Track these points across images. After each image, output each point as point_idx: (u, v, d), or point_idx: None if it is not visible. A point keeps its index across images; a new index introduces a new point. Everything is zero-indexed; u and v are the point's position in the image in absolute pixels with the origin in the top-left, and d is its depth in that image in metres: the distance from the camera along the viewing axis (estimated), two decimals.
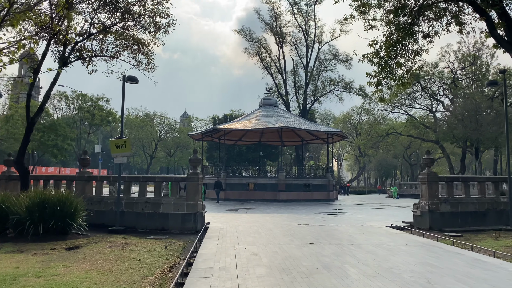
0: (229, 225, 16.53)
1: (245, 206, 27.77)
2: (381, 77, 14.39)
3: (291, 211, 24.00)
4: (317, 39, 59.92)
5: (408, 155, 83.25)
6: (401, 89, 14.66)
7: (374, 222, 17.94)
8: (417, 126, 59.69)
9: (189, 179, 15.72)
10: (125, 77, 15.90)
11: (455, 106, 47.21)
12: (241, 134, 42.83)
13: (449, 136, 49.44)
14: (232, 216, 20.85)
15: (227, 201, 33.02)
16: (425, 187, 16.10)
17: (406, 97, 57.48)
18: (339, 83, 61.11)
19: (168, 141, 77.83)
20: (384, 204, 33.31)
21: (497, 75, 49.52)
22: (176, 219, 15.57)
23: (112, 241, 12.34)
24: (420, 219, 16.18)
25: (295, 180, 34.94)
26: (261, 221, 18.13)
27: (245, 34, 61.00)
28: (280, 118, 35.45)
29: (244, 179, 35.17)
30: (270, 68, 61.09)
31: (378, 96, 14.77)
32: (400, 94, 57.49)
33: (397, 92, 14.34)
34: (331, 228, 15.53)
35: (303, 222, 17.78)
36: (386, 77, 14.38)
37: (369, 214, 22.79)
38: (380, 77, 14.35)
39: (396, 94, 14.39)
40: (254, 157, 58.27)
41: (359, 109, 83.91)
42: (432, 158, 16.19)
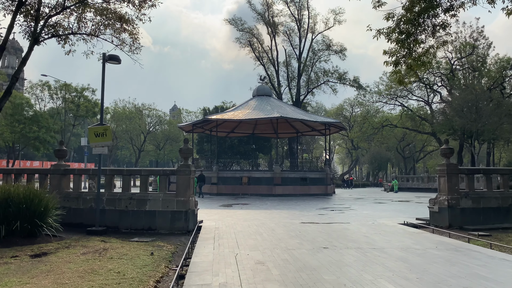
0: (225, 223, 14.70)
1: (240, 201, 25.96)
2: (400, 55, 12.60)
3: (289, 207, 22.24)
4: (311, 29, 58.14)
5: (402, 148, 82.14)
6: (422, 69, 12.87)
7: (384, 219, 16.26)
8: (413, 118, 58.37)
9: (180, 172, 13.82)
10: (106, 55, 13.87)
11: (454, 97, 45.83)
12: (233, 125, 40.90)
13: (446, 128, 48.11)
14: (227, 212, 19.01)
15: (219, 196, 31.19)
16: (444, 180, 14.42)
17: (402, 88, 56.13)
18: (333, 74, 59.47)
19: (157, 134, 75.48)
20: (385, 198, 31.76)
21: (496, 65, 48.30)
22: (165, 218, 13.70)
23: (88, 245, 10.42)
24: (437, 216, 14.52)
25: (292, 173, 33.20)
26: (259, 218, 16.33)
27: (236, 23, 58.97)
28: (276, 108, 33.58)
29: (238, 173, 33.31)
30: (262, 59, 59.19)
31: (397, 77, 12.97)
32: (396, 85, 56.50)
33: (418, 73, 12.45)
34: (341, 227, 13.77)
35: (306, 219, 16.01)
36: (405, 55, 12.60)
37: (375, 209, 21.13)
38: (399, 55, 12.56)
39: (417, 74, 12.48)
40: (246, 150, 56.40)
41: (352, 101, 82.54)
42: (451, 148, 14.53)
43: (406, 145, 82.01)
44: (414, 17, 11.57)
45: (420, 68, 12.90)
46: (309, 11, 57.56)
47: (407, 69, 12.80)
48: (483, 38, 50.69)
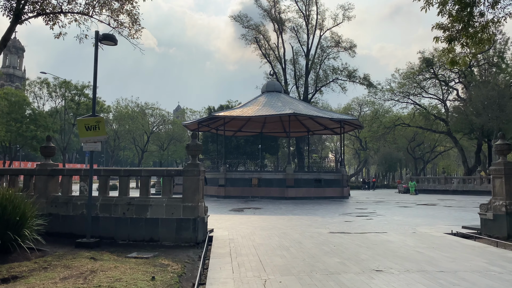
0: (240, 233, 12.48)
1: (251, 205, 23.71)
2: (454, 30, 10.34)
3: (308, 212, 19.98)
4: (319, 25, 56.04)
5: (412, 148, 79.60)
6: (479, 49, 10.62)
7: (424, 227, 13.97)
8: (427, 116, 55.98)
9: (187, 172, 11.60)
10: (99, 34, 11.67)
11: (473, 94, 43.38)
12: (241, 124, 38.66)
13: (464, 126, 45.74)
14: (239, 218, 16.77)
15: (228, 198, 28.96)
16: (500, 182, 12.13)
17: (416, 86, 53.84)
18: (342, 71, 57.30)
19: (160, 134, 73.36)
20: (407, 201, 29.41)
21: None
22: (170, 227, 11.50)
23: (73, 266, 8.20)
24: (492, 225, 12.22)
25: (305, 174, 30.89)
26: (279, 226, 14.08)
27: (242, 20, 57.05)
28: (287, 105, 31.31)
29: (247, 174, 31.05)
30: (268, 56, 57.12)
31: (450, 57, 10.74)
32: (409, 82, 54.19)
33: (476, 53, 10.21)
34: (380, 238, 11.50)
35: (333, 228, 13.75)
36: (460, 31, 10.34)
37: (404, 214, 18.82)
38: (453, 30, 10.31)
39: (474, 55, 10.23)
40: (253, 150, 54.23)
41: (361, 100, 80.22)
42: (509, 144, 12.27)
43: (416, 145, 79.53)
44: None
45: (477, 47, 10.64)
46: (318, 6, 55.46)
47: (462, 47, 10.55)
48: (500, 33, 48.30)
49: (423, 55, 49.98)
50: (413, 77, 52.51)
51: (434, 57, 49.35)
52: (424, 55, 49.84)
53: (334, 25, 55.29)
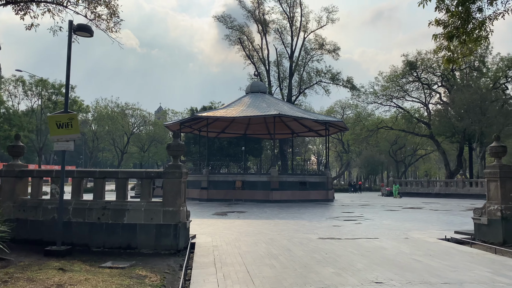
0: (224, 239, 11.71)
1: (235, 209, 22.94)
2: (453, 27, 9.84)
3: (294, 216, 19.34)
4: (303, 27, 55.77)
5: (394, 152, 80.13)
6: (476, 46, 10.14)
7: (416, 232, 13.47)
8: (410, 120, 56.25)
9: (168, 174, 10.79)
10: (73, 24, 10.77)
11: (456, 96, 43.64)
12: (224, 125, 37.88)
13: (447, 129, 46.02)
14: (223, 223, 15.99)
15: (210, 202, 28.12)
16: (495, 185, 11.70)
17: (399, 89, 54.06)
18: (326, 74, 57.18)
19: (141, 135, 71.94)
20: (392, 204, 29.09)
21: (499, 64, 46.43)
22: (149, 233, 10.67)
23: (38, 278, 7.31)
24: (486, 230, 11.78)
25: (290, 177, 30.28)
26: (265, 232, 13.37)
27: (226, 21, 56.32)
28: (272, 106, 30.67)
29: (230, 176, 30.28)
30: (252, 58, 56.56)
31: (448, 55, 10.23)
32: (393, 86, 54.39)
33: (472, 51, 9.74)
34: (372, 244, 10.90)
35: (322, 233, 13.12)
36: (459, 27, 9.84)
37: (393, 218, 18.35)
38: (453, 26, 9.81)
39: (471, 52, 9.76)
40: (236, 152, 53.40)
41: (343, 103, 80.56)
42: (504, 146, 11.87)
43: (398, 149, 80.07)
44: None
45: (475, 44, 10.17)
46: (302, 8, 55.20)
47: (459, 44, 10.06)
48: None
49: (407, 58, 50.19)
50: (396, 80, 52.70)
51: (417, 60, 49.61)
52: (408, 58, 50.03)
53: (318, 27, 55.13)
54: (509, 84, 45.64)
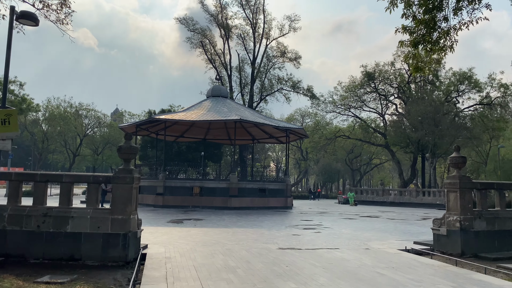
0: (178, 249, 10.94)
1: (191, 216, 22.06)
2: (419, 34, 9.72)
3: (253, 224, 18.77)
4: (266, 34, 55.89)
5: (350, 160, 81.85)
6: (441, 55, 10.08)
7: (375, 242, 13.29)
8: (367, 129, 57.54)
9: (118, 179, 9.93)
10: (15, 11, 9.70)
11: (412, 108, 45.00)
12: (183, 129, 36.82)
13: (402, 140, 47.34)
14: (178, 232, 15.14)
15: (166, 208, 27.02)
16: (455, 196, 11.69)
17: (357, 99, 55.18)
18: (287, 82, 57.61)
19: (95, 137, 69.00)
20: (349, 212, 29.23)
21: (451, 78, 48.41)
22: (95, 243, 9.74)
23: None
24: (446, 241, 11.74)
25: (249, 184, 29.71)
26: (223, 241, 12.69)
27: (188, 23, 55.42)
28: (233, 111, 30.08)
29: (188, 182, 29.28)
30: (214, 62, 55.94)
31: (414, 63, 10.08)
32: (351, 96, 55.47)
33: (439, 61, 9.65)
34: (333, 255, 10.51)
35: (282, 243, 12.62)
36: (424, 35, 9.73)
37: (351, 227, 18.21)
38: (419, 33, 9.68)
39: (438, 61, 9.68)
40: (195, 157, 52.27)
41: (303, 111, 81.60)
42: (464, 157, 11.93)
43: (354, 157, 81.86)
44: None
45: (440, 54, 10.11)
46: (265, 15, 55.26)
47: (425, 53, 9.96)
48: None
49: (365, 69, 51.32)
50: (354, 90, 53.76)
51: (375, 71, 50.85)
52: (367, 69, 51.18)
53: (280, 35, 55.40)
54: (460, 98, 47.76)
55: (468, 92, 46.77)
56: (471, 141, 43.28)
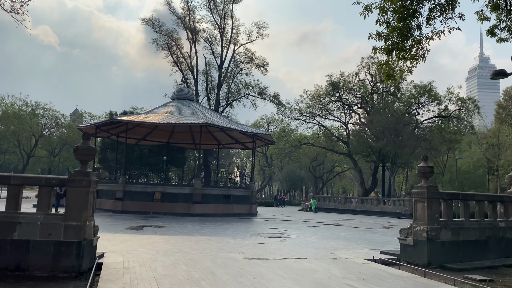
0: (138, 259, 10.24)
1: (152, 223, 21.15)
2: (393, 41, 9.62)
3: (217, 231, 18.17)
4: (233, 39, 55.64)
5: (313, 168, 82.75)
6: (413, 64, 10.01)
7: (342, 251, 13.08)
8: (331, 138, 58.29)
9: (73, 182, 9.16)
10: None
11: (375, 118, 45.94)
12: (146, 131, 35.66)
13: (364, 149, 48.19)
14: (138, 239, 14.33)
15: (125, 214, 25.88)
16: (423, 206, 11.67)
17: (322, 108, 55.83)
18: (254, 88, 57.56)
19: (52, 138, 65.97)
20: (313, 220, 29.16)
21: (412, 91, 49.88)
22: (45, 252, 8.93)
23: None
24: (412, 251, 11.67)
25: (214, 189, 29.00)
26: (186, 250, 12.06)
27: (154, 25, 54.32)
28: (199, 114, 29.37)
29: (150, 187, 28.22)
30: (180, 65, 55.06)
31: (387, 70, 9.93)
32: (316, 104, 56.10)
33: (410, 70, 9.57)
34: (302, 266, 10.15)
35: (248, 252, 12.15)
36: (398, 43, 9.64)
37: (317, 236, 17.99)
38: (393, 40, 9.57)
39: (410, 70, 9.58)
40: (157, 162, 50.85)
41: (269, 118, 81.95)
42: (431, 167, 11.96)
43: (317, 165, 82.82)
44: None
45: (413, 61, 10.05)
46: (233, 20, 54.99)
47: (398, 60, 9.87)
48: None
49: (331, 79, 52.02)
50: (320, 99, 54.38)
51: (340, 81, 51.65)
52: (332, 78, 51.89)
53: (248, 41, 55.27)
54: (420, 110, 49.30)
55: (428, 104, 48.39)
56: (429, 152, 44.58)
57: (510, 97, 63.06)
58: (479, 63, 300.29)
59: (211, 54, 55.08)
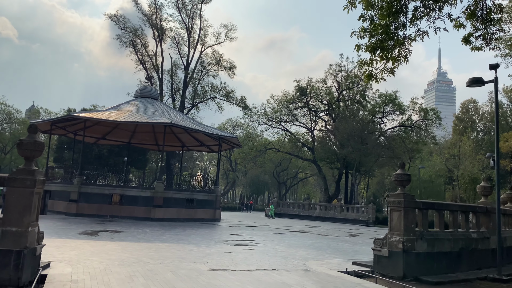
0: (89, 270, 9.05)
1: (109, 227, 19.68)
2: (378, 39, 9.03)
3: (179, 238, 17.03)
4: (201, 40, 54.58)
5: (277, 173, 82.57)
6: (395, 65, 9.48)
7: (313, 262, 12.36)
8: (296, 143, 58.13)
9: (14, 181, 7.92)
10: None
11: (341, 125, 46.03)
12: (105, 130, 33.85)
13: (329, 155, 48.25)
14: (92, 246, 13.01)
15: (80, 217, 24.17)
16: (399, 215, 11.15)
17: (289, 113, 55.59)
18: (221, 90, 56.60)
19: (4, 135, 61.99)
20: (278, 226, 28.47)
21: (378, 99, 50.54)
22: None
23: None
24: (387, 262, 11.11)
25: (177, 193, 27.66)
26: (144, 259, 10.92)
27: (119, 21, 52.40)
28: (164, 114, 28.03)
29: (107, 189, 26.53)
30: (145, 63, 53.38)
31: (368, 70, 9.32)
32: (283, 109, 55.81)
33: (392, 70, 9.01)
34: (273, 280, 9.31)
35: (214, 262, 11.18)
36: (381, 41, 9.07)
37: (285, 244, 17.22)
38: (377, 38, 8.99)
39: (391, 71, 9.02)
40: (117, 163, 48.76)
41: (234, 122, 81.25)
42: (409, 174, 11.49)
43: (282, 171, 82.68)
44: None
45: (395, 62, 9.52)
46: (202, 20, 53.93)
47: (381, 60, 9.30)
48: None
49: (299, 84, 51.87)
50: (286, 104, 54.10)
51: (308, 87, 51.61)
52: (300, 84, 51.77)
53: (216, 43, 54.32)
54: (384, 119, 49.99)
55: (392, 113, 49.15)
56: (392, 161, 45.21)
57: (467, 109, 65.59)
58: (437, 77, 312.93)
59: (178, 54, 53.74)
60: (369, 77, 9.49)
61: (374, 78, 9.44)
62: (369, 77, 9.48)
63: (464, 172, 44.73)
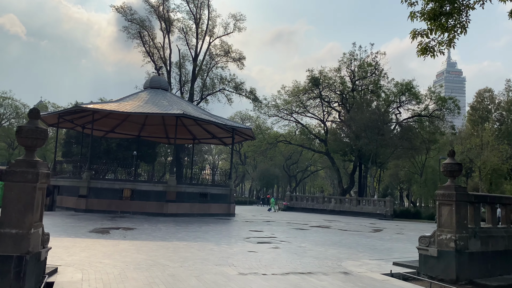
0: (102, 275, 7.89)
1: (120, 224, 18.57)
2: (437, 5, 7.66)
3: (196, 235, 15.85)
4: (209, 31, 53.22)
5: (288, 166, 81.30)
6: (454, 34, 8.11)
7: (349, 262, 11.11)
8: (308, 135, 56.74)
9: (13, 174, 6.73)
10: None
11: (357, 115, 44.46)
12: (114, 123, 32.73)
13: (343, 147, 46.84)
14: (103, 246, 11.86)
15: (90, 213, 23.11)
16: (450, 210, 9.82)
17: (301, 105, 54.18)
18: (230, 82, 55.28)
19: (11, 129, 61.27)
20: (296, 221, 27.22)
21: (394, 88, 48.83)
22: None
23: None
24: (436, 263, 9.81)
25: (190, 187, 26.45)
26: (162, 262, 9.73)
27: (126, 13, 51.24)
28: (175, 104, 26.81)
29: (118, 183, 25.42)
30: (152, 55, 52.19)
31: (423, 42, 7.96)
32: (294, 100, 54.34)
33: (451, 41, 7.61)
34: (311, 285, 8.07)
35: (240, 264, 9.96)
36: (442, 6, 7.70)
37: (310, 241, 15.96)
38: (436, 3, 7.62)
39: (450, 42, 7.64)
40: (126, 157, 47.74)
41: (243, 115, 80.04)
42: (460, 164, 10.14)
43: (292, 164, 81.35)
44: None
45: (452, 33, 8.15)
46: (209, 11, 52.57)
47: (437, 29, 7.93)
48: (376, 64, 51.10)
49: (311, 74, 50.35)
50: (298, 95, 52.67)
51: (320, 77, 50.09)
52: (313, 73, 50.25)
53: (224, 33, 52.94)
54: (401, 108, 48.36)
55: (408, 103, 47.50)
56: (410, 152, 43.72)
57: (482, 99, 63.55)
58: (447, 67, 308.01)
59: (186, 45, 52.51)
60: (424, 50, 8.13)
61: (431, 52, 8.08)
62: (425, 50, 8.12)
63: (486, 162, 43.03)
